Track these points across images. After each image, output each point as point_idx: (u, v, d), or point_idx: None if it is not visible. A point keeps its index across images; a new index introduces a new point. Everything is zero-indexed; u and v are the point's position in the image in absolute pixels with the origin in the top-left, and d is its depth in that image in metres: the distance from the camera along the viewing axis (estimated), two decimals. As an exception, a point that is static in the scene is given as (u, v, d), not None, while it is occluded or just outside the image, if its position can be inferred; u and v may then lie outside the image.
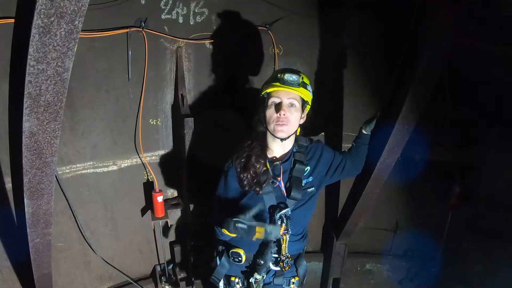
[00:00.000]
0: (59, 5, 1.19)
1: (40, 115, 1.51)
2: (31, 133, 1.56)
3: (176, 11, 2.93)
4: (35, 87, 1.39)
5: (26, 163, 1.68)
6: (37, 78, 1.37)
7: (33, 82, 1.37)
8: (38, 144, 1.62)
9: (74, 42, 1.33)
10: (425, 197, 3.84)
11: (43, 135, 1.60)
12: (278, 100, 2.18)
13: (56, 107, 1.52)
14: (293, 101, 2.17)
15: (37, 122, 1.53)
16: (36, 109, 1.48)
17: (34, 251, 2.22)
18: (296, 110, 2.19)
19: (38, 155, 1.67)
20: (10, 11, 2.24)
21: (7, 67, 1.67)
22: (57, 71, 1.39)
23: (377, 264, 4.21)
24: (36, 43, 1.26)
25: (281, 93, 2.17)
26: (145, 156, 3.25)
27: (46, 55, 1.31)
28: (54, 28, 1.25)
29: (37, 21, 1.20)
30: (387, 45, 3.21)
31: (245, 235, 2.06)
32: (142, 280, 3.73)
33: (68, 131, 2.90)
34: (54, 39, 1.28)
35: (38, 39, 1.25)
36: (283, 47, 3.35)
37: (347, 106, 3.63)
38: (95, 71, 2.86)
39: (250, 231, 2.03)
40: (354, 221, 3.42)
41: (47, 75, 1.38)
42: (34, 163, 1.70)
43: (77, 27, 1.29)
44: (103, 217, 3.34)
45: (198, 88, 3.27)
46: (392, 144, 2.66)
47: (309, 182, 2.38)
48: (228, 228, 2.08)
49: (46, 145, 1.65)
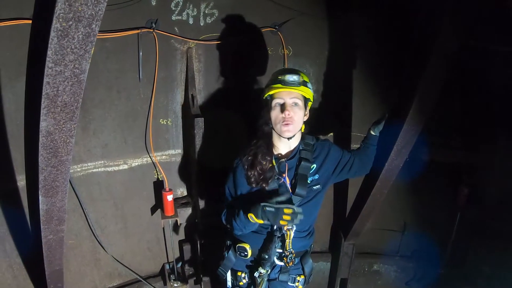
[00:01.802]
0: (77, 10, 1.22)
1: (57, 115, 1.54)
2: (48, 132, 1.59)
3: (186, 12, 2.96)
4: (52, 88, 1.43)
5: (42, 161, 1.71)
6: (55, 79, 1.40)
7: (51, 83, 1.41)
8: (54, 143, 1.65)
9: (91, 45, 1.36)
10: (433, 198, 3.83)
11: (60, 134, 1.63)
12: (281, 101, 2.23)
13: (72, 107, 1.55)
14: (296, 100, 2.22)
15: (54, 121, 1.56)
16: (53, 109, 1.51)
17: (47, 248, 2.25)
18: (299, 109, 2.25)
19: (54, 153, 1.70)
20: (22, 13, 2.30)
21: (19, 67, 1.71)
22: (74, 73, 1.42)
23: (384, 265, 4.22)
24: (55, 46, 1.30)
25: (283, 94, 2.22)
26: (155, 156, 3.29)
27: (64, 57, 1.34)
28: (72, 31, 1.28)
29: (56, 25, 1.24)
30: (396, 46, 3.21)
31: (272, 218, 2.14)
32: (151, 278, 3.76)
33: (80, 130, 2.94)
34: (72, 42, 1.31)
35: (57, 42, 1.29)
36: (293, 48, 3.37)
37: (355, 106, 3.64)
38: (106, 72, 2.90)
39: (278, 214, 2.12)
40: (362, 221, 3.42)
41: (64, 77, 1.41)
42: (50, 161, 1.73)
43: (94, 30, 1.32)
44: (113, 215, 3.38)
45: (208, 89, 3.30)
46: (400, 145, 2.66)
47: (315, 179, 2.42)
48: (256, 213, 2.16)
49: (62, 144, 1.68)
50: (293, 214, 2.11)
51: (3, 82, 2.49)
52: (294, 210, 2.11)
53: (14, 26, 2.33)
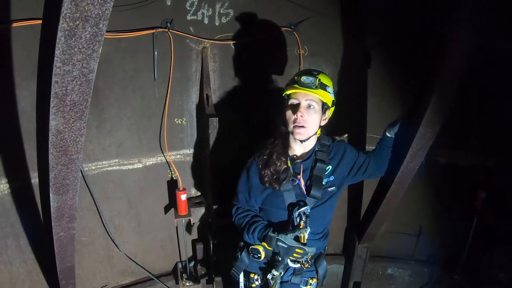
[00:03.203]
0: (84, 9, 1.22)
1: (66, 114, 1.55)
2: (57, 131, 1.60)
3: (201, 12, 2.96)
4: (61, 87, 1.43)
5: (52, 160, 1.72)
6: (63, 78, 1.41)
7: (59, 83, 1.41)
8: (64, 141, 1.66)
9: (98, 44, 1.36)
10: (449, 202, 3.78)
11: (69, 133, 1.64)
12: (296, 101, 2.22)
13: (81, 106, 1.55)
14: (311, 102, 2.19)
15: (63, 120, 1.56)
16: (62, 108, 1.51)
17: (58, 244, 2.27)
18: (314, 112, 2.21)
19: (64, 152, 1.71)
20: (37, 13, 2.32)
21: (34, 66, 1.73)
22: (83, 72, 1.42)
23: (399, 269, 4.16)
24: (62, 46, 1.30)
25: (299, 95, 2.20)
26: (170, 155, 3.29)
27: (71, 57, 1.35)
28: (79, 31, 1.28)
29: (62, 25, 1.24)
30: (413, 46, 3.17)
31: (283, 252, 2.21)
32: (164, 276, 3.77)
33: (95, 129, 2.97)
34: (79, 41, 1.32)
35: (64, 41, 1.29)
36: (308, 48, 3.35)
37: (371, 107, 3.60)
38: (121, 71, 2.91)
39: (290, 251, 2.18)
40: (377, 224, 3.38)
41: (73, 76, 1.42)
42: (60, 159, 1.74)
43: (102, 30, 1.32)
44: (127, 214, 3.40)
45: (223, 88, 3.30)
46: (416, 148, 2.61)
47: (330, 181, 2.40)
48: (269, 243, 2.22)
49: (72, 143, 1.69)
50: (304, 253, 2.17)
51: (19, 81, 2.53)
52: (305, 250, 2.16)
53: (29, 26, 2.37)
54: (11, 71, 2.49)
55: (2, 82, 2.50)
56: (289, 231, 2.21)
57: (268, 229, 2.27)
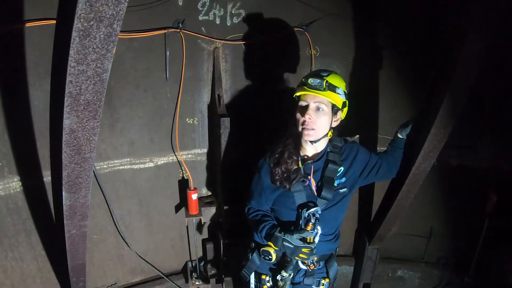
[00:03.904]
0: (98, 10, 1.23)
1: (80, 113, 1.56)
2: (71, 130, 1.61)
3: (213, 12, 2.97)
4: (75, 87, 1.44)
5: (66, 158, 1.74)
6: (78, 78, 1.42)
7: (73, 82, 1.42)
8: (78, 140, 1.67)
9: (113, 44, 1.37)
10: (460, 204, 3.74)
11: (82, 132, 1.65)
12: (305, 103, 2.21)
13: (95, 105, 1.56)
14: (319, 104, 2.17)
15: (76, 119, 1.57)
16: (76, 108, 1.52)
17: (70, 242, 2.29)
18: (324, 114, 2.19)
19: (77, 151, 1.72)
20: (51, 13, 2.36)
21: (48, 66, 1.74)
22: (97, 72, 1.43)
23: (409, 271, 4.14)
24: (77, 46, 1.31)
25: (308, 96, 2.19)
26: (181, 154, 3.32)
27: (86, 56, 1.36)
28: (94, 31, 1.29)
29: (77, 25, 1.25)
30: (425, 46, 3.15)
31: (289, 252, 2.19)
32: (173, 275, 3.80)
33: (107, 128, 3.00)
34: (94, 41, 1.32)
35: (79, 41, 1.30)
36: (320, 48, 3.34)
37: (383, 108, 3.58)
38: (134, 71, 2.94)
39: (296, 251, 2.16)
40: (388, 226, 3.36)
41: (87, 76, 1.43)
42: (73, 158, 1.75)
43: (116, 30, 1.33)
44: (138, 212, 3.43)
45: (234, 89, 3.31)
46: (428, 149, 2.59)
47: (342, 182, 2.38)
48: (275, 243, 2.20)
49: (85, 142, 1.70)
50: (310, 253, 2.16)
51: (33, 80, 2.56)
52: (311, 249, 2.15)
53: (43, 26, 2.40)
54: (25, 70, 2.52)
55: (16, 82, 2.53)
56: (295, 231, 2.20)
57: (275, 228, 2.26)
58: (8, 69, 2.49)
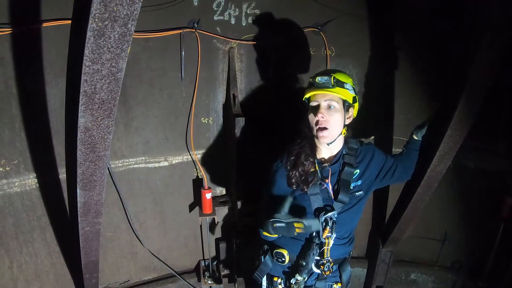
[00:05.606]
0: (113, 10, 1.25)
1: (95, 111, 1.58)
2: (86, 128, 1.63)
3: (228, 12, 2.98)
4: (90, 86, 1.46)
5: (80, 156, 1.76)
6: (92, 77, 1.43)
7: (88, 81, 1.44)
8: (92, 139, 1.70)
9: (127, 44, 1.39)
10: (476, 208, 3.68)
11: (97, 131, 1.67)
12: (316, 103, 2.18)
13: (110, 104, 1.58)
14: (330, 102, 2.14)
15: (91, 118, 1.60)
16: (91, 106, 1.55)
17: (83, 239, 2.32)
18: (336, 111, 2.16)
19: (92, 149, 1.75)
20: (66, 13, 2.36)
21: (63, 65, 1.77)
22: (111, 71, 1.45)
23: (422, 275, 4.09)
24: (92, 45, 1.33)
25: (317, 96, 2.17)
26: (195, 154, 3.33)
27: (100, 56, 1.37)
28: (108, 31, 1.31)
29: (92, 25, 1.27)
30: (441, 46, 3.10)
31: (285, 232, 2.07)
32: (186, 273, 3.81)
33: (123, 127, 3.03)
34: (108, 41, 1.34)
35: (93, 41, 1.32)
36: (335, 49, 3.33)
37: (398, 109, 3.55)
38: (149, 70, 2.96)
39: (290, 228, 2.05)
40: (402, 228, 3.32)
41: (101, 75, 1.44)
42: (87, 156, 1.78)
43: (130, 30, 1.34)
44: (152, 211, 3.45)
45: (249, 88, 3.32)
46: (443, 151, 2.55)
47: (358, 185, 2.33)
48: (267, 230, 2.10)
49: (100, 140, 1.72)
50: (305, 227, 2.04)
51: (49, 79, 2.59)
52: (304, 224, 2.03)
53: (59, 26, 2.42)
54: (42, 70, 2.55)
55: (33, 80, 2.57)
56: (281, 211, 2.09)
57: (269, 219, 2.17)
58: (26, 68, 2.52)
